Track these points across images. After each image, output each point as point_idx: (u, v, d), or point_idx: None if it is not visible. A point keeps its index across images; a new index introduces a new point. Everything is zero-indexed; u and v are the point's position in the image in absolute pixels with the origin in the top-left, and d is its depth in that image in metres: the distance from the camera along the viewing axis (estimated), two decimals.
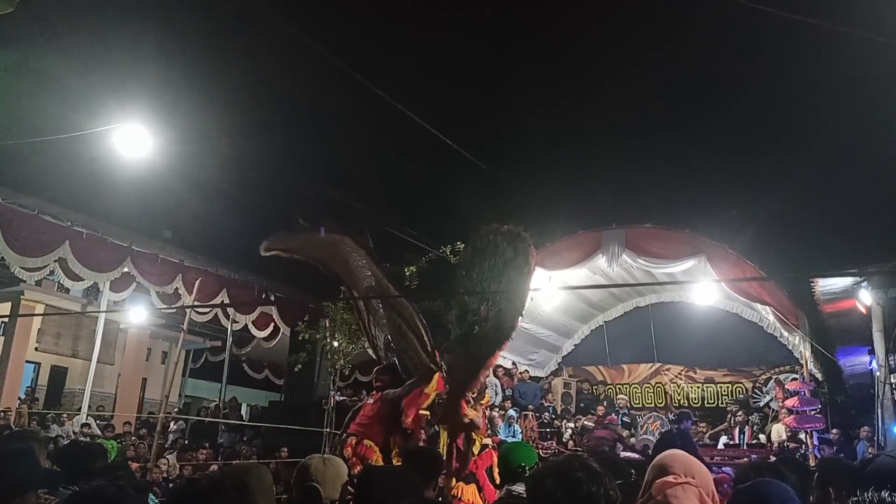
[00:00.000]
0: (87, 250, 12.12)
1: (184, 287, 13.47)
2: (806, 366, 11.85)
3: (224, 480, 2.24)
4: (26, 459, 2.75)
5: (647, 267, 12.92)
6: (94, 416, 15.53)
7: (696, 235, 12.45)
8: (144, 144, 10.38)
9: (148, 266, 13.16)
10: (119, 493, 2.23)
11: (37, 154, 11.51)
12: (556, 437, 13.36)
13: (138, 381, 21.49)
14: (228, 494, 2.17)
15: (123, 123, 10.17)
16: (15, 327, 18.15)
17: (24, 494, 2.58)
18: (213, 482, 2.23)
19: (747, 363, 14.52)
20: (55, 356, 21.08)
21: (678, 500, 2.02)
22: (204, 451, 12.40)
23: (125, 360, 20.93)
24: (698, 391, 14.94)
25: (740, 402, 13.86)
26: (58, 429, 13.78)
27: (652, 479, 2.17)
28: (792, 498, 2.31)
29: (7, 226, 10.90)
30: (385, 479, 2.90)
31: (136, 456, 11.49)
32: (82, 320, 20.66)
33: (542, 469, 2.25)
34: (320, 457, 3.24)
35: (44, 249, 11.52)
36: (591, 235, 13.30)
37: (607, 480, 2.05)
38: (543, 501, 2.04)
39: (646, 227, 13.01)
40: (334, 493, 3.00)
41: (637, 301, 15.99)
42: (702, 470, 2.18)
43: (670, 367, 15.38)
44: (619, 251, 12.82)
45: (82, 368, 19.65)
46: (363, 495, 2.81)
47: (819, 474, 3.96)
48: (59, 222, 11.88)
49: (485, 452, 6.76)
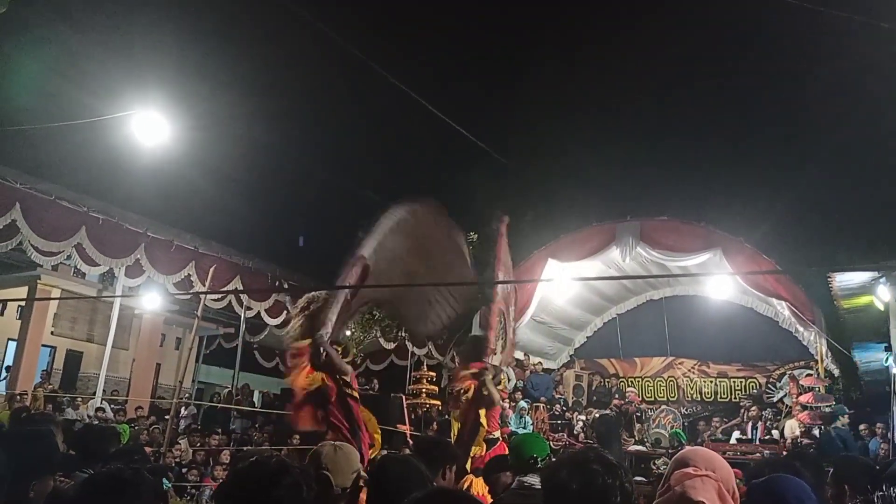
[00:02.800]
0: (103, 236, 12.19)
1: (196, 274, 13.52)
2: (821, 362, 11.77)
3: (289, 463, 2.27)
4: (46, 442, 2.77)
5: (661, 260, 12.86)
6: (108, 400, 15.66)
7: (711, 229, 12.38)
8: (161, 131, 10.41)
9: (161, 253, 13.21)
10: (135, 476, 2.24)
11: (55, 139, 11.60)
12: (567, 430, 13.35)
13: (152, 367, 21.63)
14: (293, 476, 2.19)
15: (140, 110, 10.20)
16: (31, 311, 18.31)
17: (42, 477, 2.59)
18: (280, 463, 2.25)
19: (761, 358, 14.45)
20: (71, 340, 21.28)
21: (696, 492, 2.01)
22: (216, 437, 12.49)
23: (139, 346, 21.07)
24: (711, 385, 14.88)
25: (754, 397, 13.79)
26: (73, 412, 13.91)
27: (672, 471, 2.16)
28: (808, 494, 2.29)
29: (27, 211, 10.97)
30: (401, 467, 2.90)
31: (149, 440, 11.59)
32: (98, 305, 20.81)
33: (558, 461, 2.24)
34: (331, 444, 3.22)
35: (61, 234, 11.60)
36: (605, 228, 13.25)
37: (623, 473, 2.04)
38: (558, 493, 2.04)
39: (661, 219, 12.95)
40: (345, 481, 2.99)
41: (651, 294, 15.90)
42: (723, 465, 2.17)
43: (683, 360, 15.32)
44: (633, 244, 12.77)
45: (97, 353, 19.82)
46: (380, 483, 2.81)
47: (834, 471, 3.94)
48: (76, 208, 11.95)
49: (497, 445, 6.74)
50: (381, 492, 2.78)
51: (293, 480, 2.19)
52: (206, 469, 10.88)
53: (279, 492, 2.13)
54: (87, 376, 20.97)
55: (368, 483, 2.95)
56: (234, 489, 2.22)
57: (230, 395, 17.67)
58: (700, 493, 2.01)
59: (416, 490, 2.07)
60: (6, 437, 2.90)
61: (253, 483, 2.17)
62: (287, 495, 2.14)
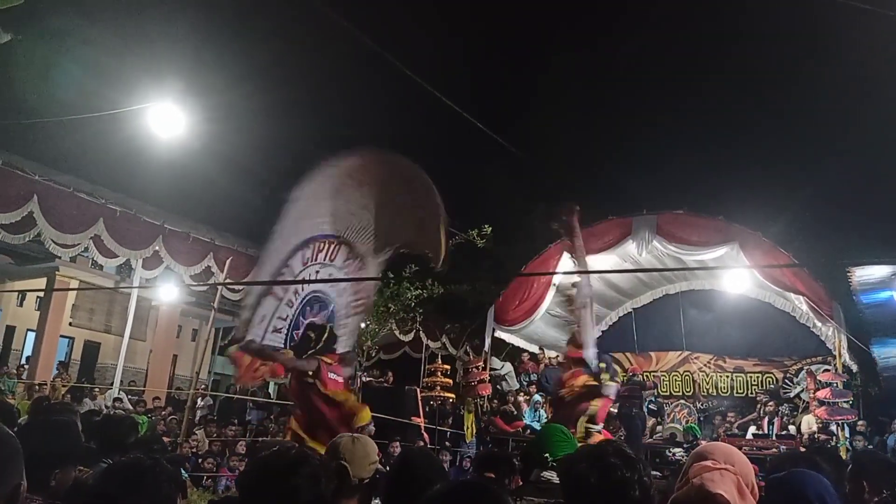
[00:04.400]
0: (120, 228, 12.29)
1: (215, 265, 13.60)
2: (839, 357, 11.65)
3: (308, 453, 2.33)
4: (69, 432, 2.79)
5: (677, 254, 12.78)
6: (126, 390, 15.80)
7: (729, 222, 12.28)
8: (178, 123, 10.46)
9: (179, 245, 13.30)
10: (155, 465, 2.26)
11: (72, 132, 11.70)
12: None
13: (169, 358, 21.81)
14: (312, 466, 2.25)
15: (157, 102, 10.26)
16: (50, 302, 18.51)
17: (63, 467, 2.61)
18: (300, 454, 2.30)
19: (778, 353, 14.32)
20: (89, 331, 21.51)
21: (714, 485, 2.00)
22: (232, 428, 12.59)
23: (156, 337, 21.24)
24: (727, 380, 14.78)
25: (770, 392, 13.69)
26: (90, 403, 14.04)
27: (691, 465, 2.16)
28: (828, 490, 2.27)
29: (44, 203, 11.07)
30: (425, 460, 2.94)
31: (166, 431, 11.69)
32: (115, 296, 21.02)
33: (576, 454, 2.24)
34: (349, 436, 3.24)
35: (79, 226, 11.70)
36: (621, 221, 13.18)
37: (641, 466, 2.04)
38: (576, 486, 2.04)
39: (677, 213, 12.87)
40: (363, 472, 3.01)
41: (667, 288, 15.79)
42: (743, 460, 2.16)
43: (699, 355, 15.22)
44: (649, 237, 12.70)
45: (115, 344, 20.01)
46: (406, 474, 2.84)
47: (853, 467, 3.90)
48: (93, 200, 12.05)
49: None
50: (404, 483, 2.80)
51: (311, 470, 2.24)
52: (222, 459, 10.97)
53: (297, 481, 2.20)
54: (104, 367, 21.20)
55: (391, 474, 2.98)
56: (256, 477, 2.29)
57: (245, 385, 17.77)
58: (718, 486, 2.00)
59: (438, 482, 2.08)
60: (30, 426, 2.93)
61: (273, 472, 2.23)
62: (305, 484, 2.20)
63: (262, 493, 2.23)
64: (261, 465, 2.33)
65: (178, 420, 12.15)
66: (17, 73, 10.84)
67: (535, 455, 3.43)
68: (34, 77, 10.84)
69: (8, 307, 20.71)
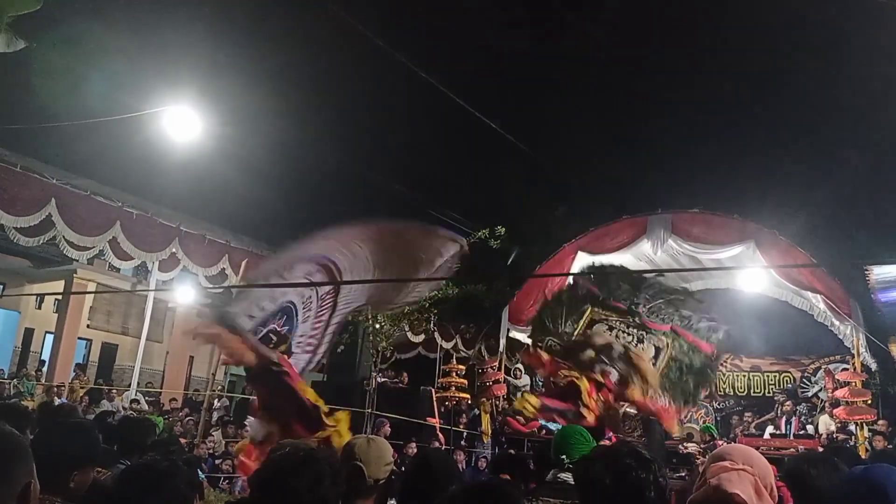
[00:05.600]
0: (137, 230, 12.39)
1: (230, 267, 13.68)
2: (858, 356, 11.55)
3: (317, 455, 2.35)
4: (88, 434, 2.82)
5: (693, 252, 12.71)
6: (143, 392, 15.92)
7: (745, 221, 12.20)
8: (193, 127, 10.53)
9: (195, 246, 13.39)
10: (172, 467, 2.28)
11: (89, 136, 11.79)
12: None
13: (186, 359, 21.96)
14: (320, 465, 2.27)
15: (173, 105, 10.33)
16: (68, 305, 18.70)
17: (82, 468, 2.64)
18: (308, 455, 2.33)
19: (796, 352, 14.21)
20: (106, 333, 21.70)
21: (732, 485, 2.00)
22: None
23: (173, 338, 21.39)
24: (744, 380, 14.69)
25: (788, 391, 13.59)
26: (108, 404, 14.16)
27: (709, 465, 2.15)
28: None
29: (62, 206, 11.18)
30: (442, 461, 2.96)
31: (183, 432, 11.76)
32: (132, 299, 21.18)
33: (591, 455, 2.24)
34: (364, 437, 3.26)
35: (96, 230, 11.81)
36: (636, 220, 13.14)
37: (656, 467, 2.03)
38: (592, 487, 2.04)
39: (693, 212, 12.80)
40: (378, 473, 3.02)
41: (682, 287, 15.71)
42: (761, 461, 2.15)
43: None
44: (664, 236, 12.65)
45: (132, 345, 20.19)
46: (424, 474, 2.86)
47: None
48: (110, 203, 12.15)
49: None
50: (421, 483, 2.82)
51: (319, 472, 2.26)
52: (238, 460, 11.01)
53: (302, 483, 2.22)
54: (121, 368, 21.37)
55: (408, 474, 2.99)
56: (267, 476, 2.32)
57: None
58: (735, 486, 1.99)
59: (454, 483, 2.09)
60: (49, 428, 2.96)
61: (282, 471, 2.26)
62: (312, 486, 2.22)
63: (273, 492, 2.25)
64: (272, 465, 2.36)
65: (194, 421, 12.22)
66: (34, 79, 10.95)
67: (552, 456, 3.43)
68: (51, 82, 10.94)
69: (27, 310, 20.94)
